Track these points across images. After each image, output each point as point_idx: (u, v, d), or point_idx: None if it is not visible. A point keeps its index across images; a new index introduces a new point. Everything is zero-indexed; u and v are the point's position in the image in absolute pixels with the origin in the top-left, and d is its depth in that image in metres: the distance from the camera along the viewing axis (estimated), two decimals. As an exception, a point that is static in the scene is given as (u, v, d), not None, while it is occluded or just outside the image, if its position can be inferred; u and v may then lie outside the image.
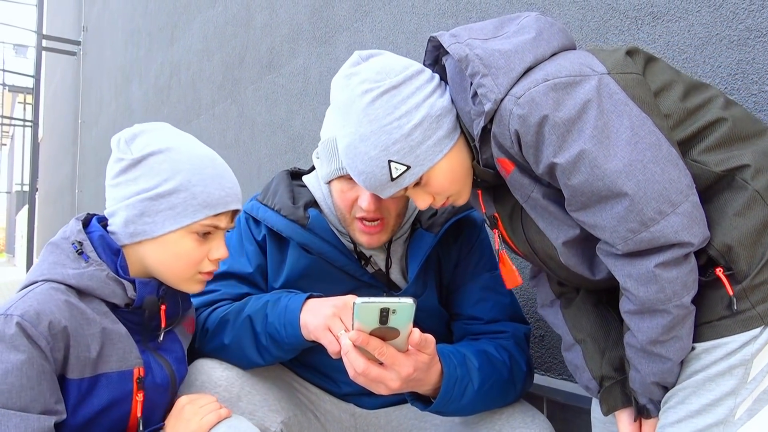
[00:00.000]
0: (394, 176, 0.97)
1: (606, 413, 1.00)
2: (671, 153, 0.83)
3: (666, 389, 0.91)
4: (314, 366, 1.32)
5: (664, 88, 0.90)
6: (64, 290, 0.96)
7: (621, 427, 0.99)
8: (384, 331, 0.90)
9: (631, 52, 0.93)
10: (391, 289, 1.26)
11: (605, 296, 1.06)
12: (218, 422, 1.01)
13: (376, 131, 0.95)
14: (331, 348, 1.04)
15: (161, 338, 1.08)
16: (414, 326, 0.93)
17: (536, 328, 1.61)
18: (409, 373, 0.95)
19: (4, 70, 11.39)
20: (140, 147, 1.04)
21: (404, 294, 1.24)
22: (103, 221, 1.08)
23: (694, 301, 0.85)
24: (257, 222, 1.30)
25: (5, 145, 37.37)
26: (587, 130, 0.82)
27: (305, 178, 1.36)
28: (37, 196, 10.08)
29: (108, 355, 0.98)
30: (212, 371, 1.15)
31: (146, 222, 1.02)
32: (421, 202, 1.03)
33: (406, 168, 0.96)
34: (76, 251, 1.00)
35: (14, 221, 30.01)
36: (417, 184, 1.01)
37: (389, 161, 0.95)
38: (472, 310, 1.28)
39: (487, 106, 0.88)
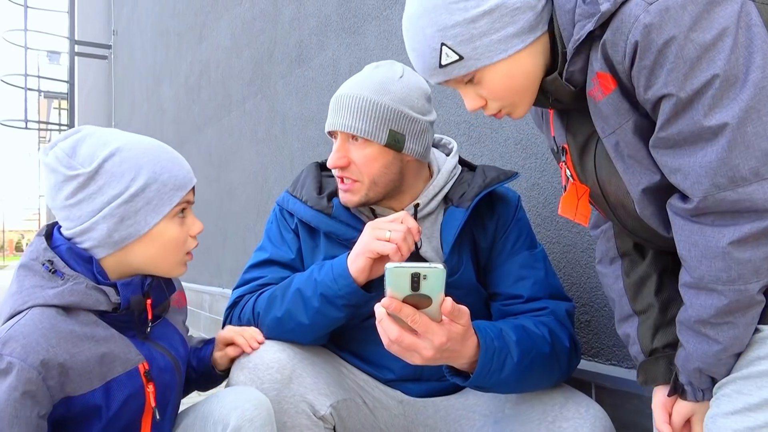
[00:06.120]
0: (443, 63, 0.88)
1: (642, 384, 0.94)
2: None
3: (713, 381, 0.83)
4: (359, 354, 1.33)
5: None
6: (49, 313, 0.96)
7: (654, 400, 0.94)
8: (416, 299, 0.89)
9: None
10: None
11: (672, 263, 0.97)
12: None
13: (438, 6, 0.86)
14: (389, 247, 1.09)
15: (149, 329, 1.11)
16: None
17: (582, 313, 1.58)
18: (443, 342, 0.93)
19: (39, 77, 11.68)
20: (88, 157, 1.02)
21: None
22: None
23: None
24: (290, 213, 1.35)
25: (43, 150, 38.47)
26: (719, 62, 0.71)
27: None
28: (75, 199, 10.38)
29: (110, 362, 1.01)
30: (265, 353, 1.18)
31: (129, 224, 1.03)
32: (470, 102, 0.92)
33: (458, 58, 0.87)
34: (49, 271, 1.00)
35: (54, 224, 30.89)
36: (470, 81, 0.90)
37: (442, 44, 0.86)
38: (511, 289, 1.26)
39: (604, 6, 0.76)
